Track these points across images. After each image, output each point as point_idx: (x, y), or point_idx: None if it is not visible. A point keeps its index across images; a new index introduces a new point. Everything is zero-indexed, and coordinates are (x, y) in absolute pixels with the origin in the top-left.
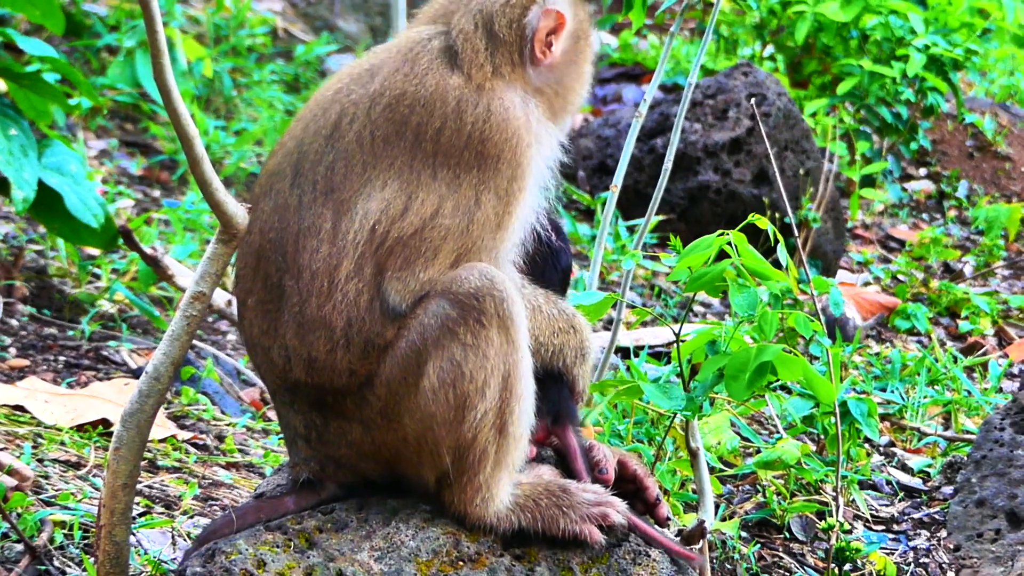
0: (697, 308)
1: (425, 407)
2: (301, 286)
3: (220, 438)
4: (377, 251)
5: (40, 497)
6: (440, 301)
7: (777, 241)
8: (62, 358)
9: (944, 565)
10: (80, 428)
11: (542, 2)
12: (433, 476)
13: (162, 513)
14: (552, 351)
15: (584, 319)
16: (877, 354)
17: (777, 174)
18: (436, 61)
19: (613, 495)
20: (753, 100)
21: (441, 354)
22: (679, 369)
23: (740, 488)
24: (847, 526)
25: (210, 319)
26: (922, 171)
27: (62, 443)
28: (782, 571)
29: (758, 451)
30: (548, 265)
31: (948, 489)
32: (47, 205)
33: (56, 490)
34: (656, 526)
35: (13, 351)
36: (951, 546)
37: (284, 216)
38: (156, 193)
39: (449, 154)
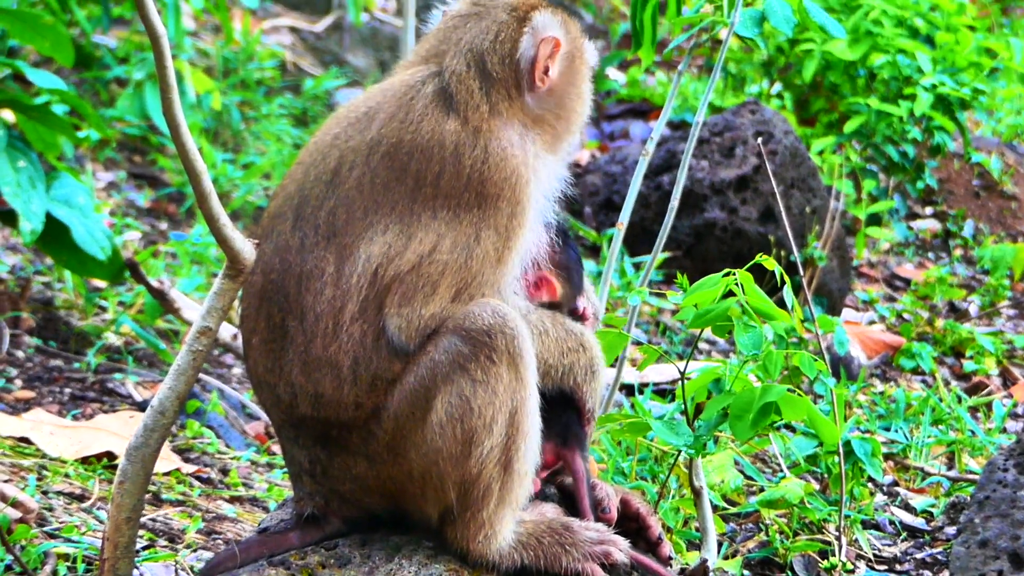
0: (703, 345)
1: (432, 441)
2: (306, 327)
3: (224, 472)
4: (378, 292)
5: (44, 529)
6: (452, 337)
7: (784, 281)
8: (68, 390)
9: None
10: (85, 460)
11: (531, 30)
12: (436, 511)
13: (166, 547)
14: (562, 371)
15: (593, 336)
16: (881, 393)
17: (783, 212)
18: (431, 106)
19: (616, 533)
20: (760, 138)
21: (450, 389)
22: (683, 407)
23: (743, 526)
24: (850, 566)
25: (216, 352)
26: (928, 210)
27: (67, 475)
28: None
29: (761, 489)
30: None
31: (951, 530)
32: (54, 237)
33: (60, 522)
34: (659, 563)
35: (19, 383)
36: None
37: (285, 258)
38: (163, 226)
39: (449, 195)
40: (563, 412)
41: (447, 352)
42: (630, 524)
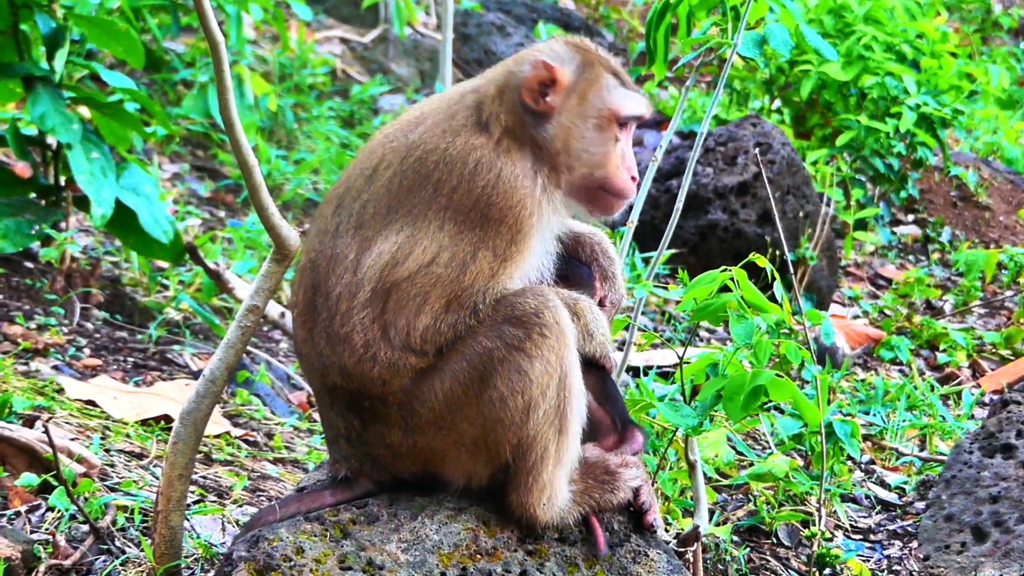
0: (703, 333)
1: (489, 413)
2: (328, 304)
3: (269, 436)
4: (382, 290)
5: (105, 483)
6: (502, 326)
7: (775, 278)
8: (131, 359)
9: (914, 573)
10: (144, 422)
11: (536, 54)
12: (488, 471)
13: (214, 502)
14: None
15: (586, 303)
16: (862, 381)
17: (779, 216)
18: (469, 120)
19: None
20: (759, 149)
21: (508, 367)
22: (682, 389)
23: (733, 497)
24: (828, 534)
25: (265, 329)
26: (910, 217)
27: (127, 435)
28: (769, 573)
29: (751, 464)
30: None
31: (920, 504)
32: (123, 221)
33: (120, 478)
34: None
35: (87, 351)
36: (921, 556)
37: (323, 240)
38: (221, 214)
39: (459, 211)
40: (615, 404)
41: (501, 338)
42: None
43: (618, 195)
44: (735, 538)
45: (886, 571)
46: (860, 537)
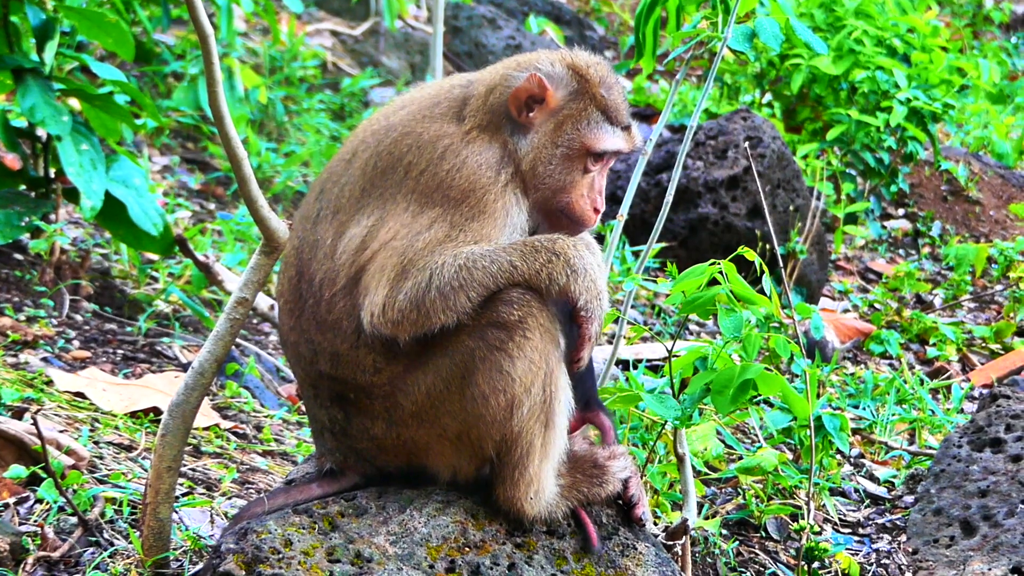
0: (692, 327)
1: (472, 409)
2: (313, 291)
3: (258, 428)
4: (354, 276)
5: (94, 475)
6: (485, 329)
7: (764, 271)
8: (120, 351)
9: (903, 567)
10: (133, 415)
11: (531, 66)
12: (473, 466)
13: (203, 494)
14: (545, 283)
15: (564, 242)
16: (852, 374)
17: (769, 210)
18: (450, 110)
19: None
20: (750, 142)
21: (490, 367)
22: (671, 382)
23: (722, 490)
24: (817, 528)
25: (254, 321)
26: (900, 211)
27: (116, 427)
28: (757, 567)
29: (740, 458)
30: None
31: (909, 498)
32: (112, 213)
33: (109, 470)
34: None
35: (76, 343)
36: (910, 550)
37: (305, 226)
38: (212, 206)
39: (423, 193)
40: (581, 379)
41: (483, 339)
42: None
43: (576, 222)
44: (724, 531)
45: (875, 565)
46: (849, 531)
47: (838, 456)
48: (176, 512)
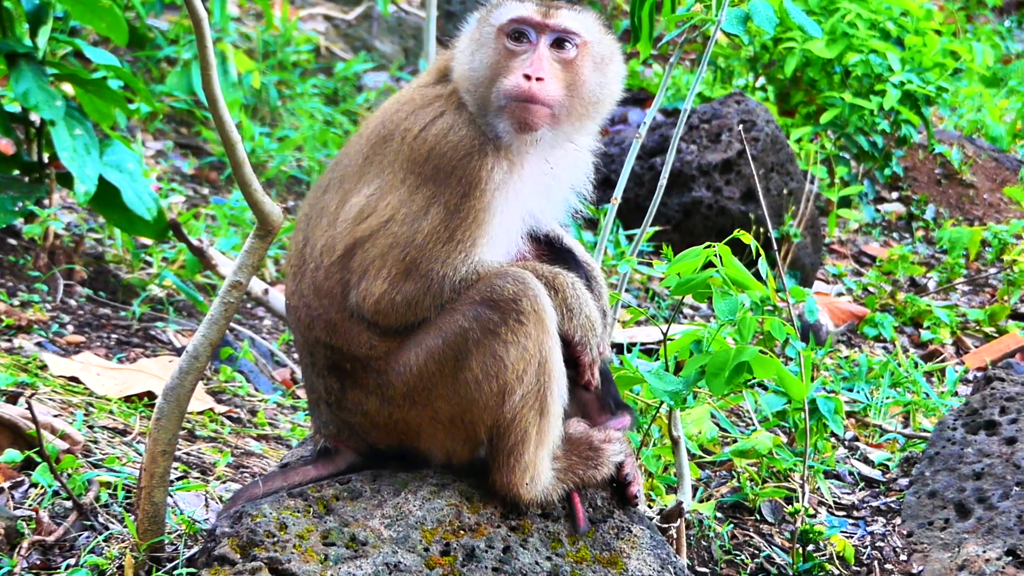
0: (687, 310)
1: (465, 394)
2: (314, 256)
3: (253, 412)
4: (349, 247)
5: (89, 460)
6: (479, 307)
7: (759, 255)
8: (114, 336)
9: (897, 549)
10: (127, 399)
11: None
12: (467, 450)
13: (197, 478)
14: None
15: (565, 278)
16: (846, 358)
17: (763, 193)
18: (440, 70)
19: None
20: (744, 126)
21: (483, 351)
22: (666, 365)
23: (717, 473)
24: (812, 511)
25: (248, 305)
26: (894, 195)
27: (111, 412)
28: (752, 549)
29: (734, 441)
30: None
31: (904, 481)
32: (106, 198)
33: (103, 454)
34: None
35: (71, 328)
36: (904, 532)
37: (316, 194)
38: (205, 191)
39: (415, 161)
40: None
41: (477, 320)
42: None
43: (516, 98)
44: (718, 514)
45: (869, 547)
46: (843, 514)
47: (833, 439)
48: (171, 496)
